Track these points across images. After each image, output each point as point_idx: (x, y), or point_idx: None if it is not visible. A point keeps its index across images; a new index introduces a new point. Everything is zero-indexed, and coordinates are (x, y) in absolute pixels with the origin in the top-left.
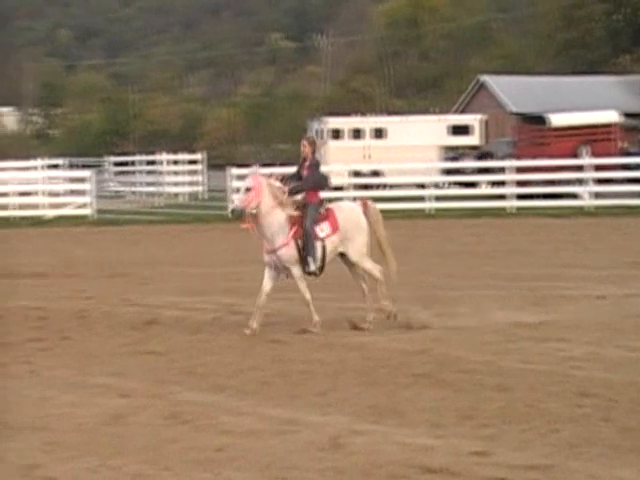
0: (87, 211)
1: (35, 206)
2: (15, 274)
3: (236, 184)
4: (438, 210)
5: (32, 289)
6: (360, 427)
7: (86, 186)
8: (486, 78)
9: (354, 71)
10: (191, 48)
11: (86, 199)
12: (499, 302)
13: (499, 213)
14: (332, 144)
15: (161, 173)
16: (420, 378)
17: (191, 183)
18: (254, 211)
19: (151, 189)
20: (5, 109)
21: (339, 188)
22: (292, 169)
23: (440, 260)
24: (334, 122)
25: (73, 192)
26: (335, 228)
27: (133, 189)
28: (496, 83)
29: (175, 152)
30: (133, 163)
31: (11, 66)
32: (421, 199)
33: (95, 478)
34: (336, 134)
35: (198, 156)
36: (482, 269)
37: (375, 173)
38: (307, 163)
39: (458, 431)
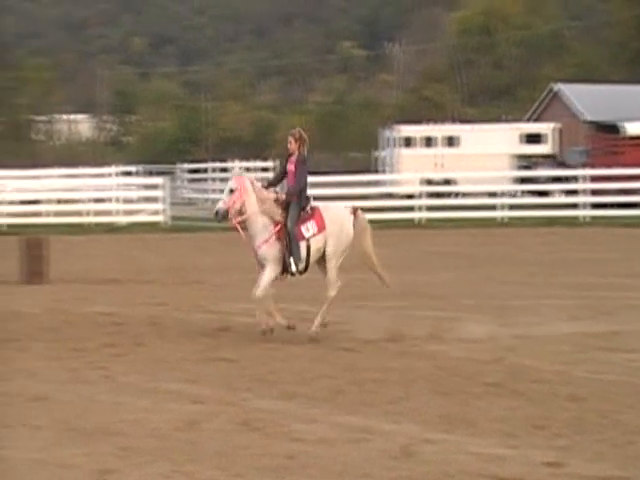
0: (160, 218)
1: (109, 213)
2: (89, 280)
3: (309, 192)
4: (511, 219)
5: (106, 295)
6: (432, 436)
7: (159, 193)
8: (560, 86)
9: (426, 79)
10: (263, 56)
11: (159, 206)
12: (570, 311)
13: (572, 222)
14: (404, 152)
15: None
16: (492, 387)
17: None
18: (239, 212)
19: (223, 196)
20: (80, 116)
21: (410, 196)
22: (363, 177)
23: (512, 269)
24: (406, 130)
25: (146, 199)
26: (321, 227)
27: (206, 196)
28: (570, 91)
29: (247, 159)
30: (206, 170)
31: (85, 74)
32: (494, 208)
33: None
34: (408, 142)
35: (270, 163)
36: (554, 278)
37: (447, 181)
38: (293, 158)
39: (530, 441)
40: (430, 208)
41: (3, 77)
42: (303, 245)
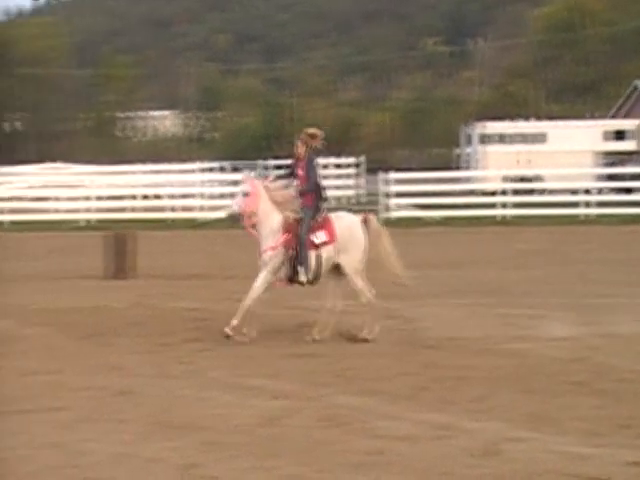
0: None
1: (194, 208)
2: (174, 275)
3: (392, 188)
4: (597, 216)
5: (190, 290)
6: (516, 434)
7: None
8: None
9: (510, 75)
10: (347, 52)
11: None
12: None
13: None
14: (487, 149)
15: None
16: (576, 386)
17: (347, 187)
18: (252, 215)
19: None
20: (165, 113)
21: (493, 193)
22: (446, 173)
23: (596, 267)
24: (489, 127)
25: (231, 195)
26: (332, 237)
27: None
28: None
29: (332, 156)
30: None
31: (171, 71)
32: (577, 205)
33: (253, 478)
34: (491, 139)
35: (355, 160)
36: (639, 276)
37: (531, 178)
38: (301, 162)
39: (616, 440)
40: (514, 205)
41: (90, 74)
42: (313, 254)
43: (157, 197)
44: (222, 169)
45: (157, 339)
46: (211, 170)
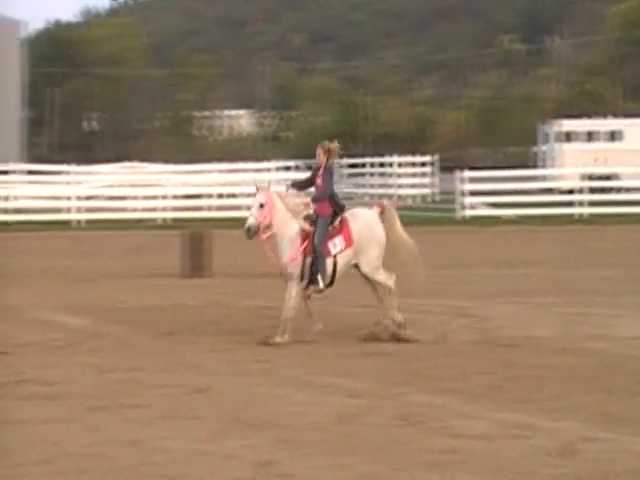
0: None
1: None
2: (250, 274)
3: (467, 187)
4: None
5: (267, 289)
6: (594, 434)
7: None
8: None
9: (587, 73)
10: (422, 51)
11: None
12: None
13: None
14: (564, 147)
15: (392, 175)
16: None
17: (422, 185)
18: (269, 226)
19: (382, 191)
20: (240, 112)
21: (570, 192)
22: (523, 172)
23: None
24: (566, 124)
25: (307, 194)
26: (349, 242)
27: (364, 191)
28: None
29: (406, 154)
30: (364, 165)
31: (247, 70)
32: None
33: (329, 476)
34: (568, 136)
35: (429, 158)
36: None
37: (609, 176)
38: (320, 172)
39: None
40: (591, 203)
41: (167, 74)
42: (329, 261)
43: (232, 196)
44: (296, 168)
45: (233, 337)
46: (287, 169)
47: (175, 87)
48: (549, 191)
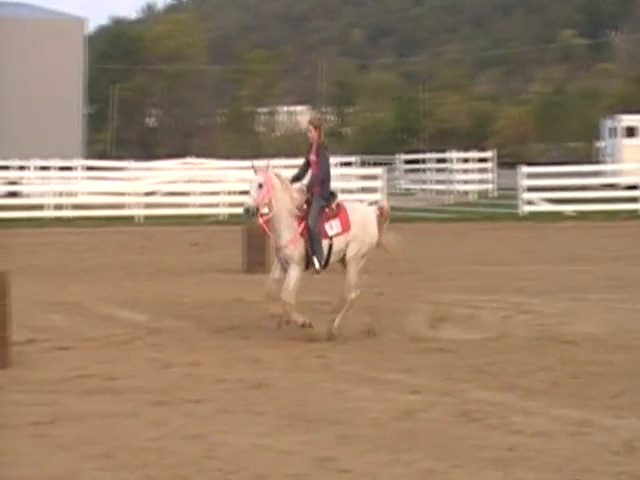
0: None
1: None
2: None
3: (527, 182)
4: None
5: (323, 284)
6: None
7: (377, 183)
8: None
9: None
10: (481, 46)
11: (377, 196)
12: None
13: None
14: (626, 142)
15: (451, 171)
16: None
17: (481, 181)
18: (266, 208)
19: (441, 187)
20: (299, 107)
21: (633, 187)
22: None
23: None
24: (628, 119)
25: (364, 189)
26: (346, 228)
27: (423, 187)
28: None
29: (465, 150)
30: (423, 161)
31: (306, 66)
32: None
33: (388, 472)
34: (630, 132)
35: (488, 154)
36: None
37: None
38: (314, 148)
39: None
40: None
41: (227, 70)
42: (325, 243)
43: None
44: (350, 164)
45: (292, 332)
46: (348, 164)
47: (235, 83)
48: (611, 187)
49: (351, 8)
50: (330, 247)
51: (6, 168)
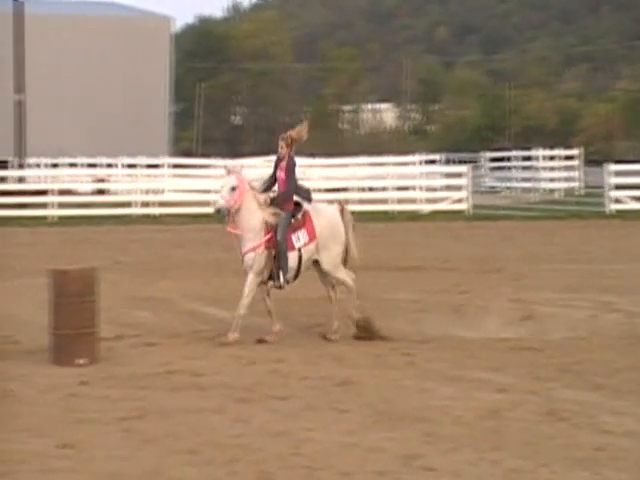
0: (463, 206)
1: (413, 200)
2: (393, 267)
3: (614, 180)
4: None
5: (409, 282)
6: None
7: (462, 181)
8: None
9: None
10: (569, 43)
11: (462, 194)
12: None
13: None
14: None
15: (537, 169)
16: None
17: (567, 179)
18: (235, 211)
19: (526, 185)
20: (384, 105)
21: None
22: None
23: None
24: None
25: (449, 187)
26: (312, 236)
27: (508, 185)
28: None
29: (551, 148)
30: (509, 159)
31: (391, 63)
32: None
33: (474, 471)
34: None
35: (575, 152)
36: None
37: None
38: (283, 164)
39: None
40: None
41: (312, 68)
42: (294, 255)
43: (370, 189)
44: (435, 162)
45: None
46: (432, 162)
47: (319, 81)
48: None
49: (436, 5)
50: (299, 258)
51: (94, 166)
